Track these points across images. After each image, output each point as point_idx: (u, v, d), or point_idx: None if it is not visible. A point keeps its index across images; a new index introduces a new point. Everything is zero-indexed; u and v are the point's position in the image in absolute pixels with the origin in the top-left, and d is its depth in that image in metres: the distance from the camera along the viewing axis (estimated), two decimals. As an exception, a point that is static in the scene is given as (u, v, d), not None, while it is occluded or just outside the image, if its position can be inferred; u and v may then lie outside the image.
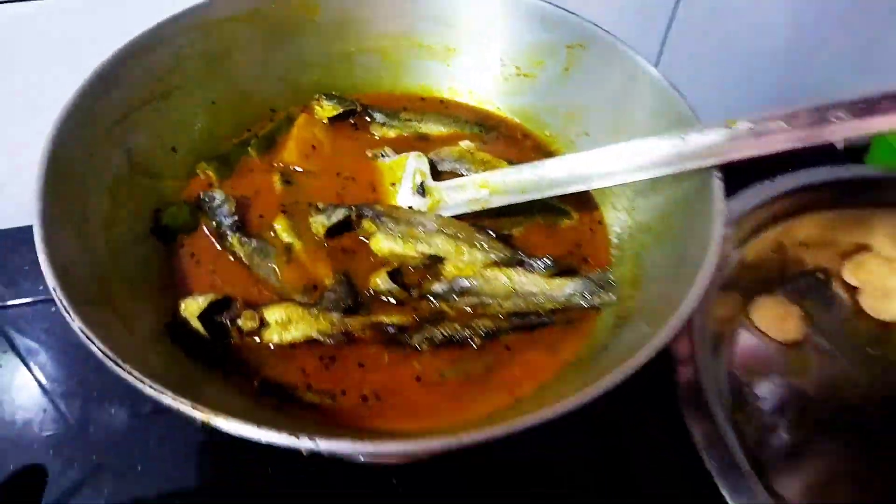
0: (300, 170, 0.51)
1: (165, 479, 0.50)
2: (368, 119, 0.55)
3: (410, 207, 0.48)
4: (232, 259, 0.46)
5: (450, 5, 0.54)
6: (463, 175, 0.51)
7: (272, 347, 0.41)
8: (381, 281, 0.44)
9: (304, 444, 0.30)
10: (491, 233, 0.46)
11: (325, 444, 0.29)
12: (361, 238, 0.47)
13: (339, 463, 0.51)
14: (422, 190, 0.49)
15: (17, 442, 0.52)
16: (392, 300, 0.44)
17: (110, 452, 0.51)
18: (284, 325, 0.41)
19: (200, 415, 0.30)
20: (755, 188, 0.52)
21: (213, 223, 0.46)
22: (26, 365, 0.58)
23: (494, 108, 0.57)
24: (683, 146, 0.42)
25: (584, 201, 0.50)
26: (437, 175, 0.51)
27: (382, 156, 0.52)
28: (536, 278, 0.44)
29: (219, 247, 0.46)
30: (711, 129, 0.42)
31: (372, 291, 0.44)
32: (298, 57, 0.55)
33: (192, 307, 0.40)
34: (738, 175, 0.51)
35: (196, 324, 0.40)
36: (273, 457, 0.51)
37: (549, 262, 0.44)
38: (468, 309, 0.44)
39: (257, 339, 0.41)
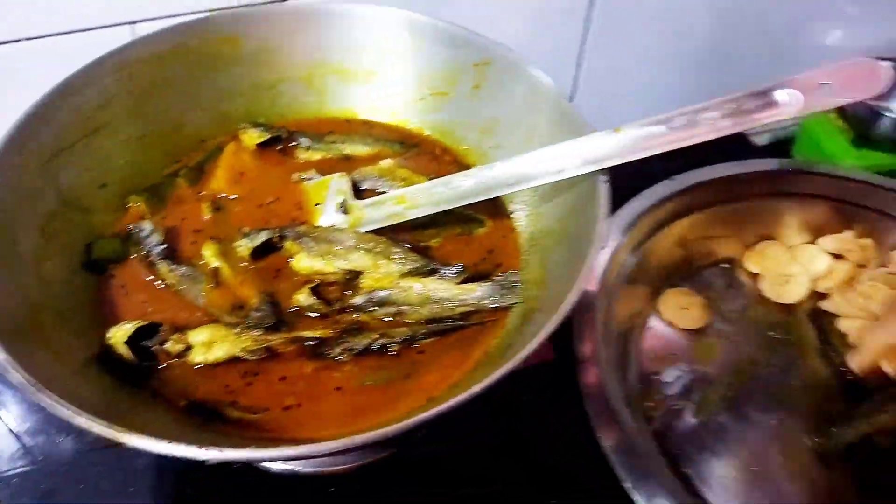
0: (229, 196, 0.54)
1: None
2: (295, 144, 0.58)
3: (333, 226, 0.51)
4: (163, 286, 0.48)
5: (362, 33, 0.57)
6: (384, 192, 0.54)
7: (199, 368, 0.43)
8: (302, 297, 0.46)
9: (211, 454, 0.32)
10: (407, 245, 0.49)
11: (230, 454, 0.32)
12: (288, 259, 0.50)
13: (283, 479, 0.53)
14: (344, 208, 0.52)
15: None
16: (315, 315, 0.47)
17: (60, 481, 0.53)
18: (209, 345, 0.43)
19: (115, 434, 0.33)
20: (659, 185, 0.56)
21: (143, 253, 0.49)
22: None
23: (415, 127, 0.60)
24: (574, 154, 0.46)
25: (496, 210, 0.54)
26: (360, 193, 0.54)
27: (307, 178, 0.55)
28: (449, 285, 0.47)
29: (149, 276, 0.48)
30: (599, 136, 0.46)
31: (295, 308, 0.47)
32: (224, 88, 0.58)
33: (118, 334, 0.42)
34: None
35: (123, 350, 0.42)
36: (219, 478, 0.53)
37: (459, 269, 0.47)
38: (388, 318, 0.47)
39: (184, 361, 0.43)
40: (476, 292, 0.46)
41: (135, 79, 0.53)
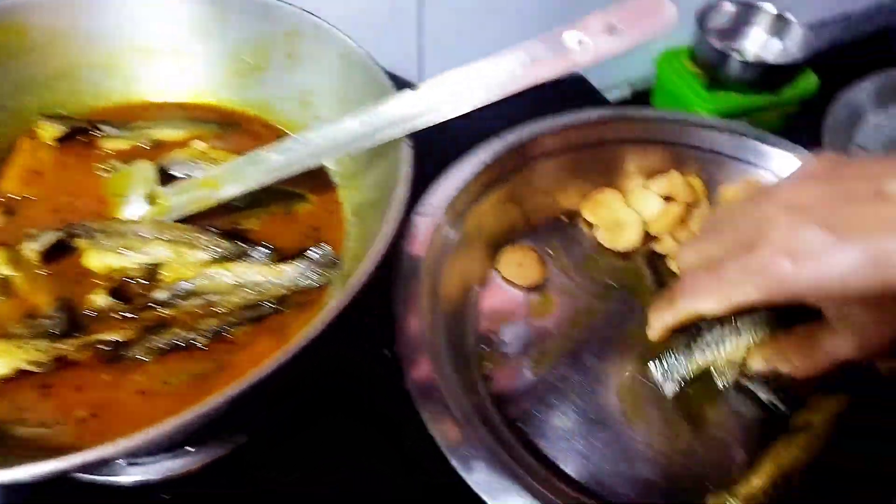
0: (25, 198, 0.49)
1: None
2: (98, 134, 0.53)
3: (140, 217, 0.48)
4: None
5: (159, 10, 0.53)
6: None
7: (-21, 387, 0.40)
8: (97, 298, 0.43)
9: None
10: (214, 230, 0.46)
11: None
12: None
13: (137, 490, 0.50)
14: (149, 198, 0.48)
15: None
16: (119, 316, 0.43)
17: None
18: (-15, 362, 0.39)
19: None
20: (487, 143, 0.55)
21: (-82, 269, 0.44)
22: None
23: (233, 105, 0.56)
24: (378, 118, 0.44)
25: (321, 184, 0.51)
26: (171, 180, 0.51)
27: (111, 169, 0.51)
28: (260, 267, 0.44)
29: (-72, 293, 0.44)
30: (402, 98, 0.44)
31: (94, 311, 0.43)
32: (16, 82, 0.52)
33: None
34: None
35: None
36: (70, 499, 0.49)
37: (268, 251, 0.44)
38: (198, 311, 0.44)
39: (-40, 382, 0.39)
40: (289, 272, 0.44)
41: None
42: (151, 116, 0.55)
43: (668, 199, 0.57)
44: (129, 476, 0.50)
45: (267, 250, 0.44)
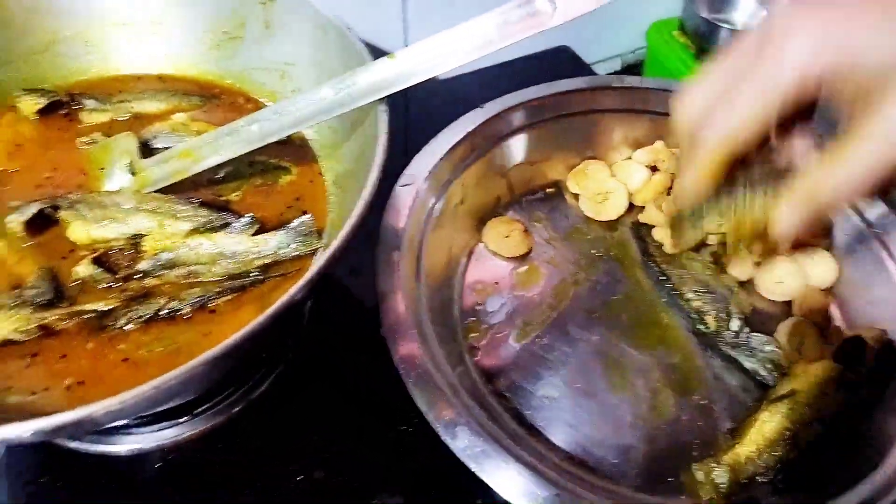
0: (8, 171, 0.49)
1: None
2: (79, 107, 0.53)
3: (121, 189, 0.48)
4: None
5: (138, -21, 0.53)
6: (177, 149, 0.51)
7: (-34, 357, 0.40)
8: (82, 268, 0.43)
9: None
10: (195, 201, 0.46)
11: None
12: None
13: (132, 459, 0.51)
14: (130, 170, 0.48)
15: None
16: (104, 286, 0.43)
17: None
18: (-29, 332, 0.39)
19: None
20: (471, 114, 0.54)
21: None
22: None
23: (214, 77, 0.56)
24: (353, 87, 0.44)
25: (303, 155, 0.52)
26: (153, 152, 0.50)
27: (92, 142, 0.50)
28: (242, 237, 0.44)
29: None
30: (378, 65, 0.44)
31: (79, 281, 0.43)
32: (-6, 56, 0.53)
33: None
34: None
35: None
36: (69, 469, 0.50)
37: (248, 220, 0.45)
38: (181, 280, 0.44)
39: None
40: (271, 242, 0.44)
41: None
42: (132, 89, 0.55)
43: (653, 169, 0.57)
44: (125, 445, 0.51)
45: (248, 220, 0.44)
